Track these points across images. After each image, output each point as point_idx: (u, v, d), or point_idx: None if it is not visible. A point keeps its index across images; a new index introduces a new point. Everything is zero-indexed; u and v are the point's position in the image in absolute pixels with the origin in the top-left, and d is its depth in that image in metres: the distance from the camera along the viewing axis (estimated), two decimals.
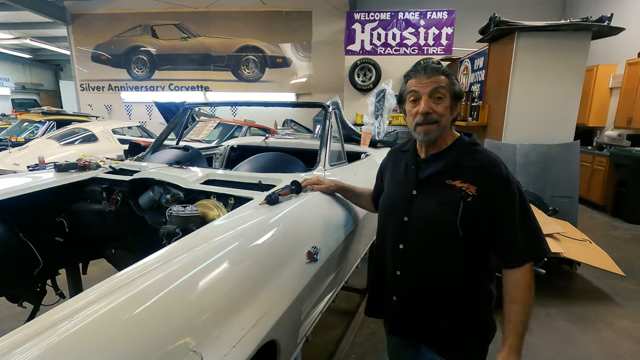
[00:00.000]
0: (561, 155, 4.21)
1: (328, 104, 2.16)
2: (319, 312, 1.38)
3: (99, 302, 0.70)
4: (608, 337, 2.58)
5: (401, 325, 1.24)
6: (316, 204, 1.42)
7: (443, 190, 1.08)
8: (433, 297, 1.14)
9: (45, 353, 0.59)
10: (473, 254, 1.10)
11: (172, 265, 0.82)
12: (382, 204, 1.25)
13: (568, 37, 4.05)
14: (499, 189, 1.05)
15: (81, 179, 1.79)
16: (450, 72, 1.13)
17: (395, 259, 1.17)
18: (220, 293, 0.82)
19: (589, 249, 3.33)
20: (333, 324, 2.62)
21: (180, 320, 0.72)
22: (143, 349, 0.64)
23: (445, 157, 1.12)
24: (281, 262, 1.05)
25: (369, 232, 2.13)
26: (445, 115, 1.09)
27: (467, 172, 1.08)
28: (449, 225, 1.06)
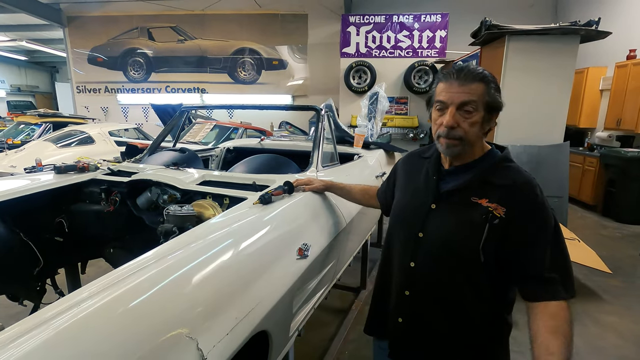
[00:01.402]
0: (551, 156, 4.30)
1: (322, 106, 2.23)
2: (310, 307, 1.44)
3: (95, 296, 0.74)
4: (594, 332, 2.66)
5: (405, 350, 1.11)
6: (307, 204, 1.48)
7: (467, 208, 0.96)
8: (444, 324, 1.03)
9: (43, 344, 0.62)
10: (493, 283, 0.98)
11: (167, 261, 0.88)
12: (395, 213, 1.14)
13: (557, 40, 4.15)
14: (531, 213, 0.93)
15: (80, 181, 1.84)
16: (491, 78, 0.97)
17: (405, 277, 1.07)
18: (214, 286, 0.88)
19: (577, 247, 3.41)
20: (327, 322, 2.68)
21: (175, 311, 0.78)
22: (140, 339, 0.69)
23: (472, 170, 1.00)
24: (273, 258, 1.11)
25: (361, 231, 2.20)
26: (471, 132, 0.95)
27: (496, 191, 0.95)
28: (469, 248, 0.95)
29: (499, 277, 0.98)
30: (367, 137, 3.01)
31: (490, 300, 1.00)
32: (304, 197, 1.50)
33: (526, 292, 0.95)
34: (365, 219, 2.21)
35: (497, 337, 1.00)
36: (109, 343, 0.65)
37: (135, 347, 0.67)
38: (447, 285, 1.01)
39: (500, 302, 1.01)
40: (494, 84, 0.97)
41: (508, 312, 1.03)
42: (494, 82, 0.97)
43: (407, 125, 7.17)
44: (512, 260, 0.95)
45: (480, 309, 1.01)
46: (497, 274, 0.97)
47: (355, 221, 1.83)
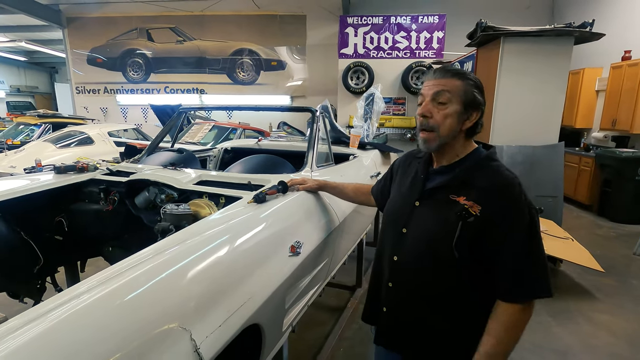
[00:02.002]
0: (546, 156, 4.34)
1: (318, 107, 2.27)
2: (304, 304, 1.48)
3: (93, 290, 0.78)
4: (587, 330, 2.70)
5: (387, 338, 1.18)
6: (301, 203, 1.52)
7: (445, 206, 0.99)
8: (422, 317, 1.08)
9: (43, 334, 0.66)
10: (469, 280, 1.01)
11: (163, 256, 0.91)
12: (386, 211, 1.20)
13: (551, 42, 4.20)
14: (505, 212, 0.94)
15: (80, 181, 1.88)
16: (471, 77, 1.00)
17: (389, 269, 1.12)
18: (208, 281, 0.92)
19: (571, 246, 3.46)
20: (322, 320, 2.71)
21: (170, 304, 0.81)
22: (135, 329, 0.73)
23: (454, 170, 1.03)
24: (266, 255, 1.14)
25: (355, 230, 2.24)
26: (444, 124, 0.98)
27: (474, 189, 0.97)
28: (444, 244, 0.98)
29: (475, 274, 1.00)
30: (362, 137, 3.05)
31: (466, 296, 1.03)
32: (297, 196, 1.54)
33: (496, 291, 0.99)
34: (360, 218, 2.25)
35: (475, 332, 1.01)
36: (106, 333, 0.69)
37: (131, 337, 0.71)
38: (426, 278, 1.05)
39: (477, 298, 1.03)
40: (474, 82, 1.00)
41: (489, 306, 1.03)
42: (473, 81, 1.01)
43: (405, 126, 7.22)
44: (484, 258, 0.98)
45: (457, 304, 1.04)
46: (474, 272, 1.00)
47: (349, 220, 1.87)
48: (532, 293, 0.96)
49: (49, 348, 0.64)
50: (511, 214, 0.95)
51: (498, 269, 0.97)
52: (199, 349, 0.76)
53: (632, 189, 5.02)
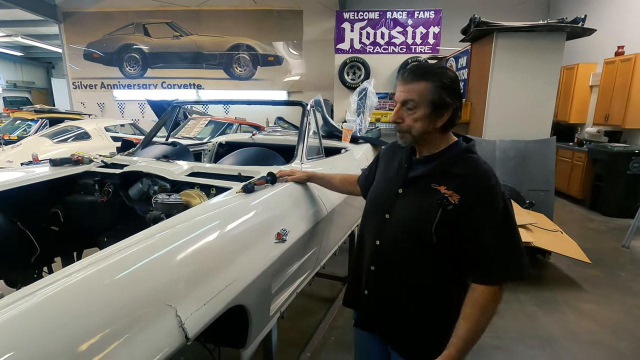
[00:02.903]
0: (538, 150, 4.40)
1: (311, 102, 2.32)
2: (292, 290, 1.54)
3: (85, 269, 0.83)
4: (571, 319, 2.78)
5: (368, 320, 1.24)
6: (289, 193, 1.57)
7: (427, 194, 1.05)
8: (401, 299, 1.13)
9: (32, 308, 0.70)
10: (447, 264, 1.07)
11: (153, 239, 0.97)
12: (369, 197, 1.25)
13: (544, 37, 4.23)
14: (482, 201, 1.01)
15: (75, 173, 1.93)
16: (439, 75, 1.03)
17: (371, 254, 1.17)
18: (195, 263, 0.97)
19: (560, 238, 3.53)
20: (315, 310, 2.78)
21: (158, 283, 0.87)
22: (124, 305, 0.78)
23: (437, 160, 1.08)
24: (252, 240, 1.20)
25: (345, 221, 2.29)
26: (415, 127, 1.05)
27: (454, 179, 1.03)
28: (424, 230, 1.04)
29: (452, 259, 1.06)
30: (355, 131, 3.10)
31: (444, 279, 1.09)
32: (286, 187, 1.59)
33: (466, 273, 1.06)
34: (351, 210, 2.30)
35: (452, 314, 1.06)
36: (95, 307, 0.74)
37: (119, 313, 0.76)
38: (406, 262, 1.11)
39: (455, 282, 1.09)
40: (441, 81, 1.02)
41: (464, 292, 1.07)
42: (441, 79, 1.02)
43: None
44: (462, 243, 1.03)
45: (435, 287, 1.10)
46: (451, 256, 1.06)
47: (338, 211, 1.93)
48: (506, 275, 1.03)
49: (39, 320, 0.69)
50: (487, 203, 1.01)
51: (475, 253, 1.02)
52: (183, 324, 0.82)
53: (623, 183, 5.09)
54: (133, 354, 0.73)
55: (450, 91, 1.03)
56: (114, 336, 0.72)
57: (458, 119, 1.09)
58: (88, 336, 0.70)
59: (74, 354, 0.67)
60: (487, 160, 1.10)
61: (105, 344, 0.70)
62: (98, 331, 0.71)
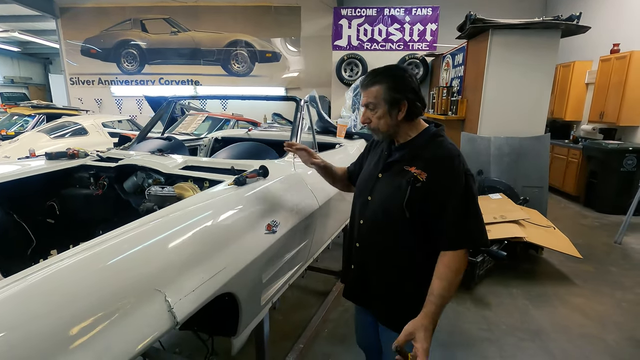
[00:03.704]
0: (532, 147, 4.43)
1: (306, 97, 2.34)
2: (284, 281, 1.57)
3: (78, 255, 0.86)
4: (561, 312, 2.82)
5: (354, 291, 1.40)
6: (280, 187, 1.60)
7: (399, 175, 1.19)
8: (381, 270, 1.26)
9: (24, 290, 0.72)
10: (420, 236, 1.19)
11: (144, 227, 1.00)
12: (357, 183, 1.41)
13: (539, 34, 4.26)
14: (446, 178, 1.13)
15: (70, 166, 1.95)
16: (388, 77, 1.19)
17: (357, 232, 1.33)
18: (185, 251, 1.00)
19: (552, 234, 3.57)
20: (309, 304, 2.82)
21: (149, 269, 0.90)
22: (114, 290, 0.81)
23: (409, 146, 1.23)
24: (242, 231, 1.23)
25: (338, 215, 2.32)
26: (380, 124, 1.21)
27: (423, 160, 1.17)
28: (396, 206, 1.17)
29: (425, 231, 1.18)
30: (350, 127, 3.12)
31: (418, 251, 1.21)
32: (278, 180, 1.62)
33: (436, 242, 1.17)
34: (344, 205, 2.33)
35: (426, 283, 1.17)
36: (85, 292, 0.77)
37: (109, 297, 0.79)
38: (383, 237, 1.25)
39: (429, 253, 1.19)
40: (388, 83, 1.19)
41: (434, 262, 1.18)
42: (387, 81, 1.19)
43: None
44: (429, 216, 1.16)
45: (410, 258, 1.22)
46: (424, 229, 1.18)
47: (330, 205, 1.96)
48: (472, 242, 1.17)
49: (30, 302, 0.72)
50: (450, 180, 1.14)
51: (440, 225, 1.15)
52: (172, 309, 0.85)
53: (616, 180, 5.13)
54: (122, 336, 0.76)
55: (397, 89, 1.19)
56: (103, 319, 0.75)
57: (419, 109, 1.23)
58: (77, 319, 0.73)
59: (63, 336, 0.69)
60: (483, 156, 1.23)
61: (94, 327, 0.73)
62: (87, 315, 0.74)
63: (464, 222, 1.13)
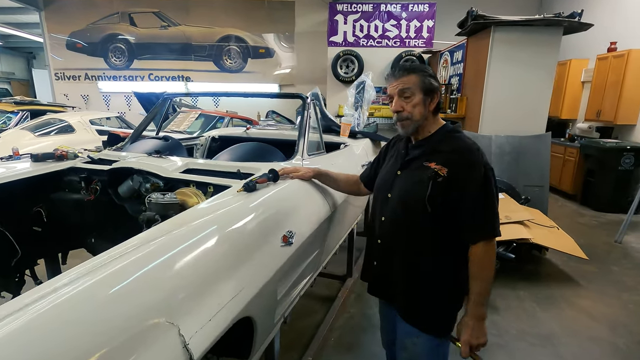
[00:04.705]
0: (533, 146, 4.39)
1: (308, 95, 2.21)
2: (296, 294, 1.45)
3: (75, 282, 0.73)
4: (569, 315, 2.77)
5: (377, 287, 1.42)
6: (293, 191, 1.48)
7: (420, 171, 1.21)
8: (403, 265, 1.27)
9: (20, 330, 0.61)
10: (442, 231, 1.20)
11: (150, 247, 0.86)
12: (377, 182, 1.42)
13: (541, 31, 4.20)
14: (466, 172, 1.15)
15: (59, 169, 1.79)
16: (423, 69, 1.24)
17: (378, 229, 1.34)
18: (198, 272, 0.88)
19: (556, 235, 3.53)
20: (314, 310, 2.71)
21: (157, 298, 0.77)
22: (120, 324, 0.69)
23: (428, 142, 1.25)
24: (257, 245, 1.11)
25: (346, 219, 2.22)
26: (414, 112, 1.21)
27: (442, 156, 1.19)
28: (418, 201, 1.18)
29: (446, 226, 1.19)
30: (353, 126, 3.01)
31: (440, 246, 1.22)
32: (289, 184, 1.49)
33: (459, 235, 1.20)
34: (351, 208, 2.22)
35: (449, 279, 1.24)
36: (89, 328, 0.65)
37: (116, 333, 0.66)
38: (405, 232, 1.25)
39: (451, 249, 1.22)
40: (426, 72, 1.23)
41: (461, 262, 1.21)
42: (425, 71, 1.24)
43: None
44: (452, 210, 1.17)
45: (432, 254, 1.23)
46: (445, 224, 1.19)
47: (340, 209, 1.84)
48: (485, 233, 1.18)
49: (28, 344, 0.59)
50: (471, 174, 1.16)
51: (463, 216, 1.17)
52: (188, 344, 0.73)
53: (614, 178, 5.14)
54: None
55: (434, 77, 1.24)
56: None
57: (442, 103, 1.30)
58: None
59: None
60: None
61: None
62: (91, 356, 0.61)
63: (480, 213, 1.16)
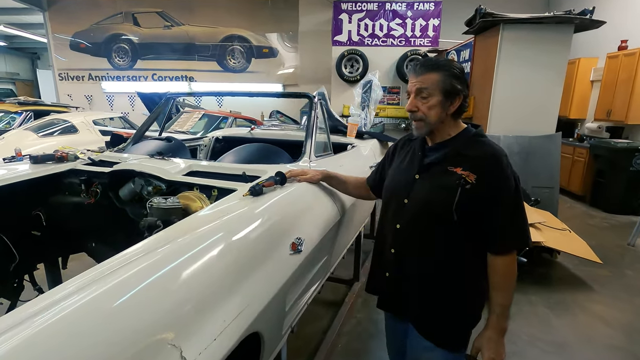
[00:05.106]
0: (543, 146, 4.30)
1: (314, 94, 2.14)
2: (304, 303, 1.39)
3: (77, 294, 0.68)
4: (583, 321, 2.69)
5: (390, 301, 1.31)
6: (301, 195, 1.41)
7: (444, 176, 1.11)
8: (421, 278, 1.18)
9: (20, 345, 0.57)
10: (463, 240, 1.13)
11: (153, 257, 0.80)
12: (387, 186, 1.30)
13: (551, 29, 4.11)
14: (496, 180, 1.08)
15: (58, 171, 1.73)
16: (448, 67, 1.11)
17: (392, 237, 1.23)
18: (203, 285, 0.81)
19: (569, 237, 3.44)
20: (320, 315, 2.64)
21: (160, 313, 0.71)
22: (121, 342, 0.63)
23: (449, 145, 1.15)
24: (265, 254, 1.04)
25: (355, 223, 2.15)
26: (430, 114, 1.12)
27: (469, 161, 1.10)
28: (444, 208, 1.09)
29: (470, 236, 1.12)
30: (360, 126, 2.94)
31: (462, 257, 1.14)
32: (296, 188, 1.43)
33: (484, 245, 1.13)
34: (359, 211, 2.15)
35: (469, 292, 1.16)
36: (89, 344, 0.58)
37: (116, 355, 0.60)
38: (425, 241, 1.16)
39: (472, 260, 1.15)
40: (451, 71, 1.10)
41: (482, 274, 1.15)
42: (450, 69, 1.11)
43: (399, 116, 7.12)
44: (477, 218, 1.09)
45: (453, 264, 1.14)
46: (469, 233, 1.11)
47: (349, 213, 1.77)
48: (521, 243, 1.14)
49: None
50: (501, 181, 1.08)
51: (489, 228, 1.10)
52: None
53: (625, 179, 5.03)
54: None
55: (459, 79, 1.11)
56: None
57: (466, 107, 1.16)
58: None
59: None
60: None
61: None
62: None
63: (513, 225, 1.10)
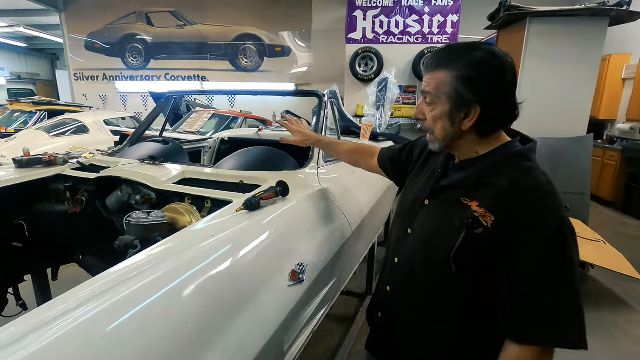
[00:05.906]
0: (572, 149, 3.98)
1: (325, 93, 1.95)
2: (306, 337, 1.19)
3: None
4: (625, 347, 2.40)
5: (378, 345, 1.04)
6: (304, 211, 1.21)
7: (454, 209, 0.81)
8: (416, 330, 0.92)
9: None
10: (469, 297, 0.82)
11: (118, 293, 0.61)
12: (398, 204, 1.04)
13: (584, 23, 3.79)
14: (524, 226, 0.72)
15: (44, 176, 1.59)
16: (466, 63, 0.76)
17: (389, 272, 0.99)
18: (184, 328, 0.62)
19: (603, 249, 3.14)
20: (330, 330, 2.44)
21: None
22: None
23: (472, 167, 0.83)
24: (259, 285, 0.84)
25: (368, 233, 1.93)
26: (436, 128, 0.82)
27: (492, 193, 0.76)
28: (442, 255, 0.80)
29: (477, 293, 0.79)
30: (375, 127, 2.73)
31: (464, 314, 0.82)
32: (299, 201, 1.23)
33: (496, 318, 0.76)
34: (373, 221, 1.94)
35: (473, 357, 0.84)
36: None
37: None
38: (421, 288, 0.88)
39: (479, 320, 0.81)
40: (467, 70, 0.75)
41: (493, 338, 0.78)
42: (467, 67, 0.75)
43: None
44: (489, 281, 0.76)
45: (454, 322, 0.84)
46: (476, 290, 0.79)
47: (362, 226, 1.57)
48: (547, 338, 0.71)
49: None
50: (531, 229, 0.71)
51: (506, 296, 0.74)
52: None
53: None
54: None
55: (470, 84, 0.75)
56: None
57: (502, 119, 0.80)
58: None
59: None
60: None
61: None
62: None
63: (541, 303, 0.71)
